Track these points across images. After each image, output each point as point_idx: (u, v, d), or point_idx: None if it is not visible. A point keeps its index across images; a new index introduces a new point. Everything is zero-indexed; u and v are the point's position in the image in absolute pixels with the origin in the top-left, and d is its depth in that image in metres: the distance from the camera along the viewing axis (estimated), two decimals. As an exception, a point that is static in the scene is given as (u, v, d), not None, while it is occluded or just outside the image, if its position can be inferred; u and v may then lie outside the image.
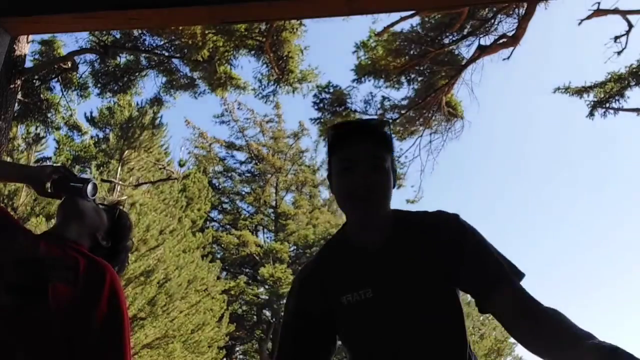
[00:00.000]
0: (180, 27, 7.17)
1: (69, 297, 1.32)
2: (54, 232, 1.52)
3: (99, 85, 8.78)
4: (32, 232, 1.51)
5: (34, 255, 1.37)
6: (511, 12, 7.63)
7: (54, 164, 1.67)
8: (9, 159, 10.70)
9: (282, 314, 1.33)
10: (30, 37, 6.57)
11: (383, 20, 8.18)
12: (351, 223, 1.27)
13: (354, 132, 1.22)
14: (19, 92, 6.85)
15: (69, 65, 8.25)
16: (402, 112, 8.99)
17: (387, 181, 1.20)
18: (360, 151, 1.19)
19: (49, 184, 1.57)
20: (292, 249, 19.76)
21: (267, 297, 18.12)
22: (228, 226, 20.86)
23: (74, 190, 1.55)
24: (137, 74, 8.78)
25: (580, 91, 8.52)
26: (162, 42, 8.20)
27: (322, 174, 22.32)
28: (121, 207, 1.70)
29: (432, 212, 1.26)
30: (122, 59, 8.80)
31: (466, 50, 8.37)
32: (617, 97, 8.15)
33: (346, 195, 1.21)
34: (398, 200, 14.65)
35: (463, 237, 1.18)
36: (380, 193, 1.19)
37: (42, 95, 8.64)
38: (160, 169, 13.43)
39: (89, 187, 1.57)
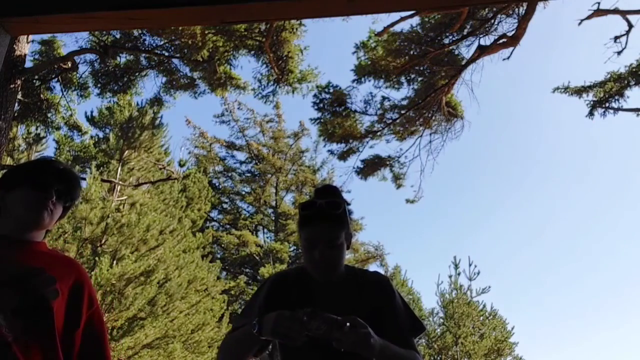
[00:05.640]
0: (180, 27, 7.17)
1: (61, 311, 1.33)
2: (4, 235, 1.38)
3: (99, 85, 8.78)
4: None
5: (21, 270, 1.27)
6: (511, 12, 7.64)
7: None
8: (9, 159, 10.70)
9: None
10: (30, 37, 6.57)
11: (383, 20, 8.19)
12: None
13: (314, 216, 1.54)
14: (19, 92, 6.84)
15: (69, 65, 8.23)
16: (402, 112, 8.99)
17: (340, 255, 1.57)
18: (318, 233, 1.53)
19: None
20: (292, 249, 19.75)
21: (267, 297, 18.09)
22: (228, 226, 20.85)
23: None
24: (137, 74, 8.77)
25: (579, 91, 8.53)
26: (162, 42, 8.20)
27: (322, 174, 22.35)
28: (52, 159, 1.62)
29: (371, 271, 1.72)
30: (122, 59, 8.80)
31: (466, 50, 8.39)
32: (616, 97, 8.16)
33: (309, 265, 1.59)
34: (398, 201, 14.66)
35: (389, 295, 1.62)
36: (333, 266, 1.57)
37: (42, 95, 8.64)
38: (160, 169, 13.42)
39: None
